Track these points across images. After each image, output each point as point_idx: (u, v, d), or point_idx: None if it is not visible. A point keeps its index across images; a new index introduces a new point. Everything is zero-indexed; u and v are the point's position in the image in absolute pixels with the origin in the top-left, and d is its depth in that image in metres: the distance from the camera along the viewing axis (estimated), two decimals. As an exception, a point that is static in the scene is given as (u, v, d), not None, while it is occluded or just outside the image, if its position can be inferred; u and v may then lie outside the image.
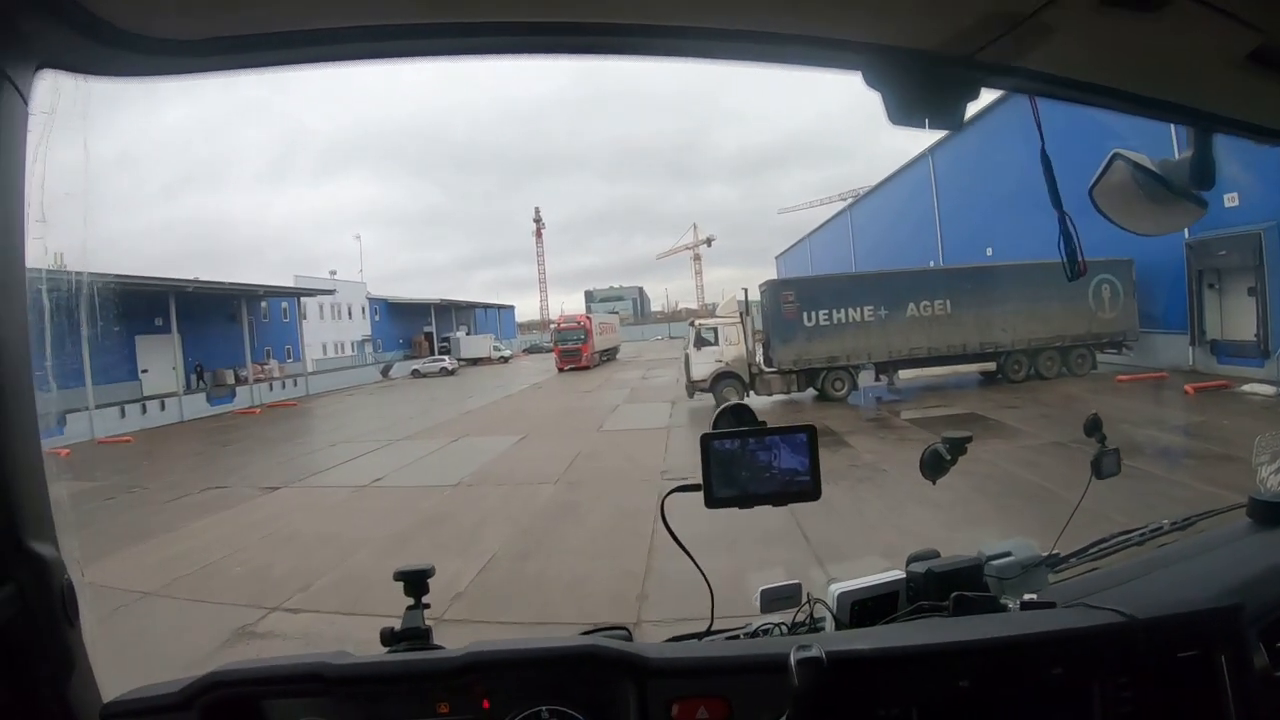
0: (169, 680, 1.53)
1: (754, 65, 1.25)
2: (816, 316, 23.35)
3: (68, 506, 1.38)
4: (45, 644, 1.23)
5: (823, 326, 23.37)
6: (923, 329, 23.57)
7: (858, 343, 23.43)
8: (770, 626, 1.92)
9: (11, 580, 1.17)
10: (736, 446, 1.66)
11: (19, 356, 1.21)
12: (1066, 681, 1.47)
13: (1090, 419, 2.15)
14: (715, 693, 1.46)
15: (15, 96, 1.14)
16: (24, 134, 1.18)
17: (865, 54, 1.21)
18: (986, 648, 1.50)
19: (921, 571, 1.94)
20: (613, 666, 1.49)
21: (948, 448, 2.11)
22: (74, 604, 1.28)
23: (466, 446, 18.78)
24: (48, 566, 1.23)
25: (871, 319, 23.52)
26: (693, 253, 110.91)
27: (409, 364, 56.19)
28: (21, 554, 1.19)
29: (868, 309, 23.50)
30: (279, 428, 27.62)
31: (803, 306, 23.38)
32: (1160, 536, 2.12)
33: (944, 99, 1.24)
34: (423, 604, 1.83)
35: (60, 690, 1.27)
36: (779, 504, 1.66)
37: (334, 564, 9.18)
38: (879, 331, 23.47)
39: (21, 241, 1.21)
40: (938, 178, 38.49)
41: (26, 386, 1.23)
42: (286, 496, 14.13)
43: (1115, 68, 1.32)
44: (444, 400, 32.49)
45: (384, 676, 1.54)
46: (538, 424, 22.14)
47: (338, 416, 30.72)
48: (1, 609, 1.15)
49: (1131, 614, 1.53)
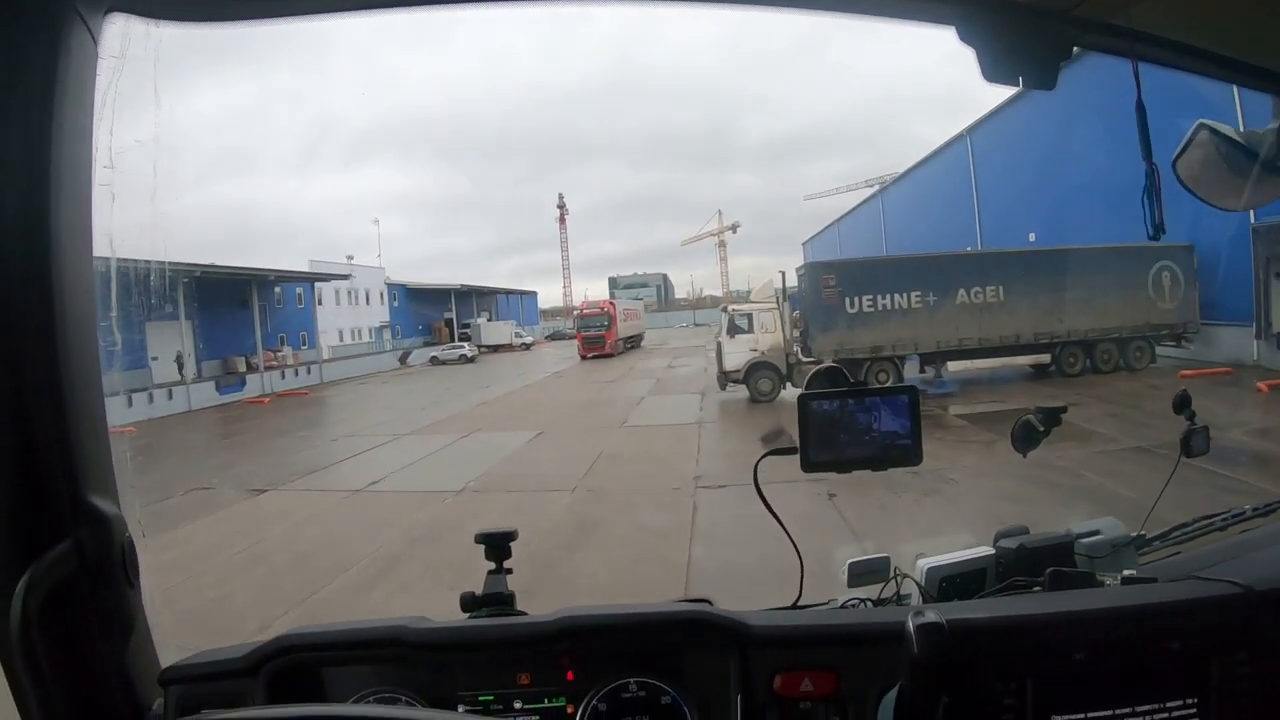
0: (232, 644, 1.48)
1: (847, 16, 1.26)
2: (860, 302, 21.44)
3: (130, 466, 1.38)
4: (104, 604, 1.20)
5: (866, 313, 21.48)
6: (973, 317, 21.61)
7: (904, 331, 21.50)
8: (856, 601, 1.85)
9: (70, 536, 1.14)
10: (835, 408, 1.61)
11: (86, 310, 1.20)
12: (1183, 655, 1.41)
13: (1180, 395, 2.08)
14: (821, 664, 1.42)
15: (86, 37, 1.14)
16: (94, 76, 1.18)
17: (961, 6, 1.21)
18: (1096, 620, 1.45)
19: (1013, 547, 1.89)
20: (715, 634, 1.44)
21: (1041, 418, 2.02)
22: (134, 564, 1.26)
23: (477, 443, 17.19)
24: (109, 523, 1.20)
25: (919, 306, 21.58)
26: (718, 239, 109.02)
27: (428, 351, 54.93)
28: (81, 510, 1.17)
29: (915, 295, 21.56)
30: (284, 419, 26.25)
31: (845, 291, 21.48)
32: (1243, 521, 2.00)
33: (1038, 56, 1.24)
34: (504, 569, 1.76)
35: (118, 652, 1.24)
36: (878, 468, 1.61)
37: (297, 600, 7.65)
38: (926, 319, 21.55)
39: (90, 188, 1.20)
40: (976, 160, 36.63)
41: (92, 340, 1.22)
42: (272, 502, 12.70)
43: (1207, 30, 1.30)
44: (460, 390, 31.08)
45: (468, 642, 1.48)
46: (556, 418, 20.51)
47: (347, 407, 29.52)
48: (59, 565, 1.12)
49: (1248, 585, 1.47)
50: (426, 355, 53.46)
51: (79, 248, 1.17)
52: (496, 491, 11.99)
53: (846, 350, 21.33)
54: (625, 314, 52.04)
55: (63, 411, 1.15)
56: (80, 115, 1.15)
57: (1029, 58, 1.21)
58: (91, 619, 1.19)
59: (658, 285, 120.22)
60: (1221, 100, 1.50)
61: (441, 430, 19.58)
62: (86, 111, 1.17)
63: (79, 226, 1.17)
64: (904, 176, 49.29)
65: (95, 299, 1.23)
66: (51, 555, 1.13)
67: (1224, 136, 1.47)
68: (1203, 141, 1.49)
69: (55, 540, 1.14)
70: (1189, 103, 1.53)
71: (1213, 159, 1.48)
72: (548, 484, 12.14)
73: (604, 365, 39.47)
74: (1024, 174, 30.60)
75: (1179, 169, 1.51)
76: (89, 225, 1.20)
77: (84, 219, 1.19)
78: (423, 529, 9.99)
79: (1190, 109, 1.53)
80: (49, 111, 1.11)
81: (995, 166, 34.59)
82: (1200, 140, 1.49)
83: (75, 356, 1.16)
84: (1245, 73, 1.38)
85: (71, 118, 1.13)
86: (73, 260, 1.15)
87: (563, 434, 17.64)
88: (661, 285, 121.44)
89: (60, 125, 1.12)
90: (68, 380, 1.15)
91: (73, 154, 1.14)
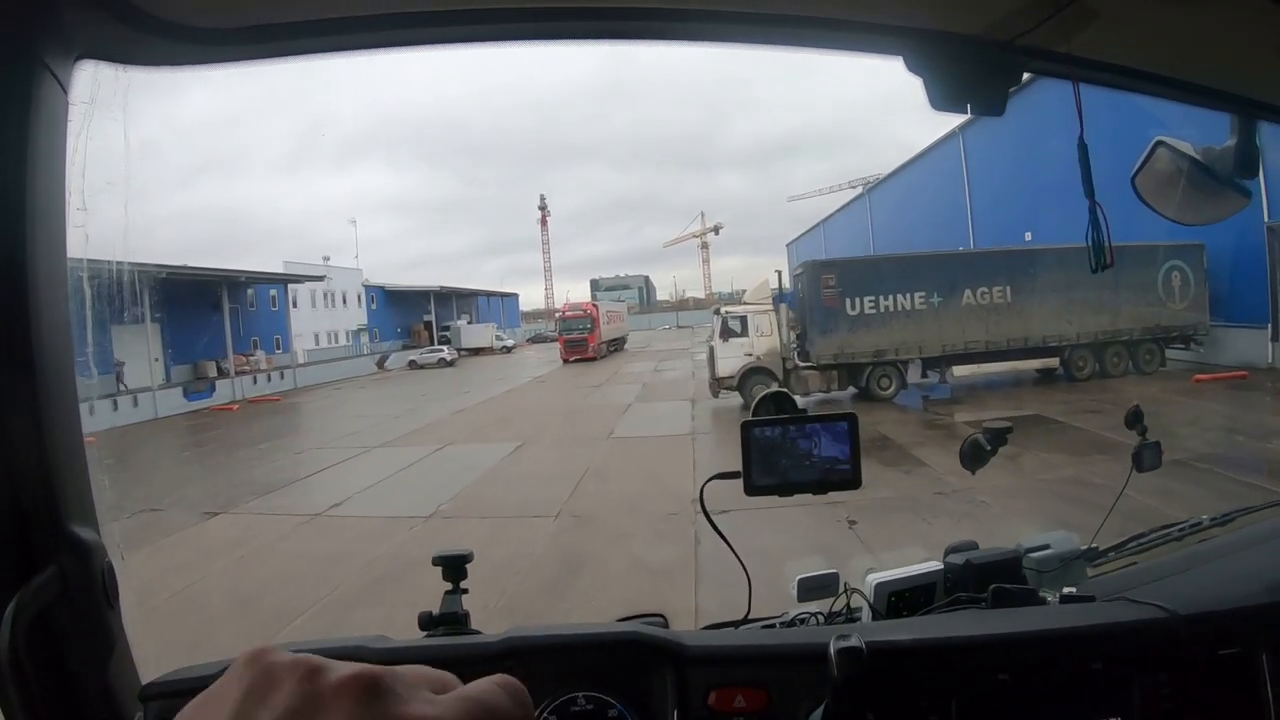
0: (207, 662, 1.52)
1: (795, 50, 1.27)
2: (861, 304, 20.23)
3: (109, 490, 1.46)
4: (86, 626, 1.24)
5: (868, 315, 20.26)
6: (980, 319, 20.46)
7: (907, 334, 20.30)
8: (807, 616, 1.92)
9: (53, 563, 1.18)
10: (777, 434, 1.66)
11: (62, 342, 1.24)
12: (1106, 676, 1.46)
13: (1132, 411, 2.15)
14: (753, 681, 1.46)
15: (56, 87, 1.17)
16: (65, 124, 1.21)
17: (907, 39, 1.24)
18: (1026, 640, 1.51)
19: (960, 563, 1.95)
20: (652, 653, 1.50)
21: (988, 438, 2.15)
22: (114, 586, 1.29)
23: (452, 458, 15.83)
24: (89, 549, 1.24)
25: (923, 307, 20.38)
26: (700, 241, 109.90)
27: (406, 354, 53.55)
28: (63, 537, 1.20)
29: (919, 296, 20.35)
30: (250, 429, 24.78)
31: (845, 292, 20.23)
32: (1200, 532, 2.11)
33: (986, 84, 1.27)
34: (460, 589, 1.79)
35: (100, 671, 1.27)
36: (819, 492, 1.66)
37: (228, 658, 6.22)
38: (932, 321, 20.35)
39: (64, 231, 1.24)
40: (969, 158, 35.72)
41: (69, 372, 1.25)
42: (222, 528, 11.30)
43: (1159, 53, 1.35)
44: (438, 395, 29.75)
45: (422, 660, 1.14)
46: (538, 428, 19.15)
47: (319, 415, 28.16)
48: (43, 591, 1.16)
49: (1173, 609, 1.53)
50: (405, 359, 52.16)
51: (55, 289, 1.20)
52: (469, 517, 10.65)
53: (847, 354, 20.18)
54: (608, 316, 50.92)
55: (43, 442, 1.17)
56: (53, 161, 1.18)
57: (976, 86, 1.25)
58: (75, 640, 1.22)
59: (640, 287, 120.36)
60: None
61: (415, 442, 18.25)
62: (59, 157, 1.19)
63: (55, 265, 1.20)
64: (892, 176, 48.34)
65: (72, 331, 1.27)
66: (36, 582, 1.15)
67: (1181, 153, 1.50)
68: (1161, 157, 1.53)
69: (39, 568, 1.16)
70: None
71: (1171, 175, 1.52)
72: (528, 508, 10.84)
73: (587, 369, 38.29)
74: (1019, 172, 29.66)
75: (1138, 185, 1.55)
76: (64, 263, 1.23)
77: (59, 257, 1.22)
78: (384, 566, 8.64)
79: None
80: (22, 162, 1.13)
81: (989, 164, 33.66)
82: (1159, 156, 1.53)
83: (54, 389, 1.19)
84: (1198, 93, 1.45)
85: (44, 165, 1.16)
86: (49, 300, 1.18)
87: (545, 447, 16.33)
88: (644, 287, 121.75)
89: (34, 173, 1.14)
90: (48, 412, 1.18)
91: (47, 199, 1.17)
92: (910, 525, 8.84)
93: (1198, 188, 1.52)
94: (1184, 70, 1.39)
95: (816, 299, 20.40)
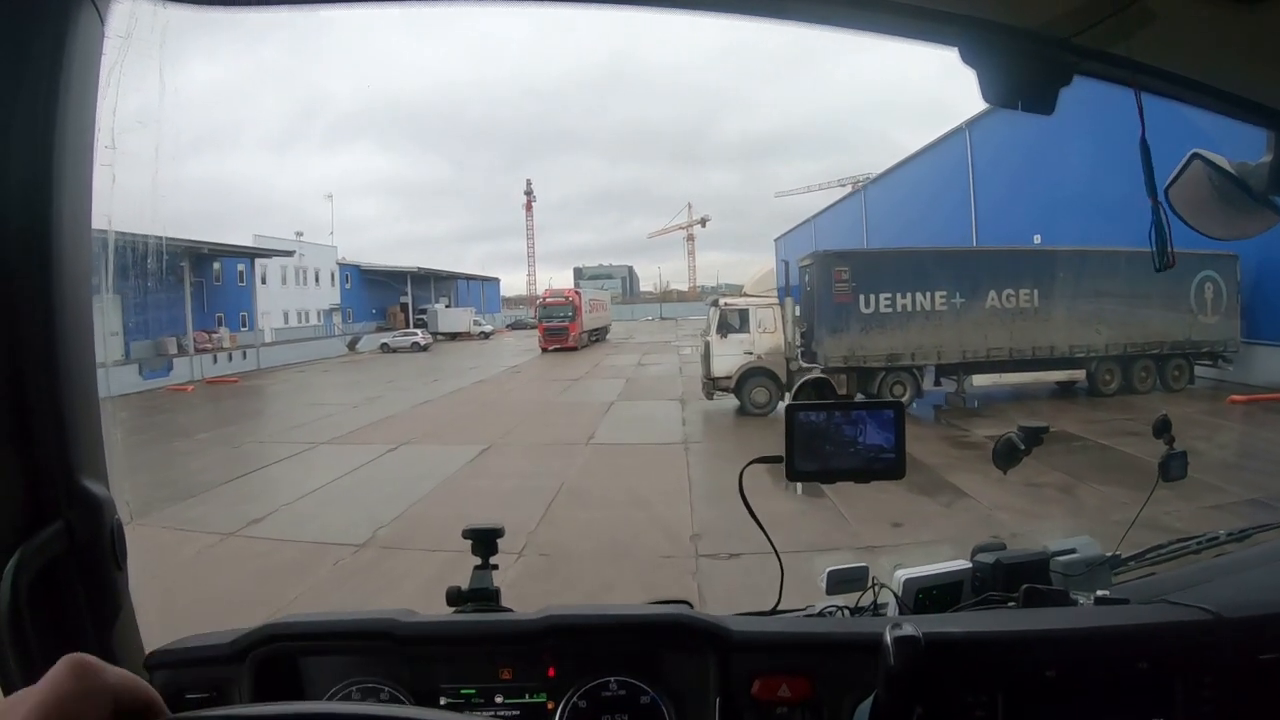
0: (218, 630, 1.50)
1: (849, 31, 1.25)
2: (877, 301, 18.15)
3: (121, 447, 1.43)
4: (91, 586, 1.21)
5: (884, 314, 18.20)
6: (1004, 324, 18.53)
7: (926, 337, 18.29)
8: (834, 609, 1.85)
9: (61, 518, 1.16)
10: (822, 419, 1.63)
11: (82, 290, 1.20)
12: (1150, 676, 1.46)
13: (1159, 420, 2.12)
14: (798, 670, 1.45)
15: (94, 16, 1.14)
16: (99, 56, 1.18)
17: (965, 28, 1.23)
18: (1070, 638, 1.51)
19: (989, 562, 1.96)
20: (696, 637, 1.47)
21: (1022, 437, 2.10)
22: (123, 547, 1.25)
23: (406, 461, 13.77)
24: (99, 506, 1.21)
25: (944, 308, 18.36)
26: (686, 233, 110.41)
27: (379, 337, 51.36)
28: (73, 491, 1.17)
29: (939, 295, 18.35)
30: (195, 414, 22.72)
31: (860, 287, 18.13)
32: (1217, 546, 2.11)
33: (1038, 81, 1.26)
34: (490, 564, 1.74)
35: (105, 634, 1.24)
36: (862, 480, 1.63)
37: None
38: (952, 324, 18.35)
39: (91, 167, 1.20)
40: (974, 154, 34.10)
41: (86, 322, 1.22)
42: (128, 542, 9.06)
43: (1206, 62, 1.34)
44: (405, 383, 27.74)
45: (455, 637, 1.53)
46: (509, 426, 17.09)
47: (274, 400, 26.18)
48: (49, 546, 1.14)
49: (1216, 611, 1.52)
50: (377, 342, 50.09)
51: (79, 227, 1.17)
52: (412, 549, 8.48)
53: (858, 357, 18.19)
54: (591, 304, 49.36)
55: (59, 392, 1.15)
56: (85, 94, 1.16)
57: (1029, 82, 1.25)
58: (79, 601, 1.18)
59: (623, 277, 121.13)
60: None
61: (369, 438, 16.17)
62: (91, 90, 1.17)
63: (80, 206, 1.18)
64: (889, 173, 46.81)
65: (91, 278, 1.23)
66: (42, 536, 1.13)
67: (1216, 167, 1.48)
68: (1195, 171, 1.50)
69: (47, 521, 1.14)
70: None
71: (1204, 189, 1.50)
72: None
73: (567, 360, 36.55)
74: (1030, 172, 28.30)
75: (1171, 196, 1.50)
76: (89, 205, 1.20)
77: (84, 198, 1.19)
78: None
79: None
80: (54, 89, 1.11)
81: (997, 163, 32.16)
82: (1193, 169, 1.50)
83: (72, 336, 1.16)
84: (1240, 106, 1.43)
85: (77, 96, 1.13)
86: (72, 240, 1.15)
87: (514, 453, 14.24)
88: (627, 277, 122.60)
89: (65, 103, 1.12)
90: (64, 361, 1.15)
91: (76, 132, 1.14)
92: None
93: (1230, 203, 1.49)
94: (1230, 82, 1.38)
95: (827, 294, 18.31)
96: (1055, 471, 10.75)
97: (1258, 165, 1.48)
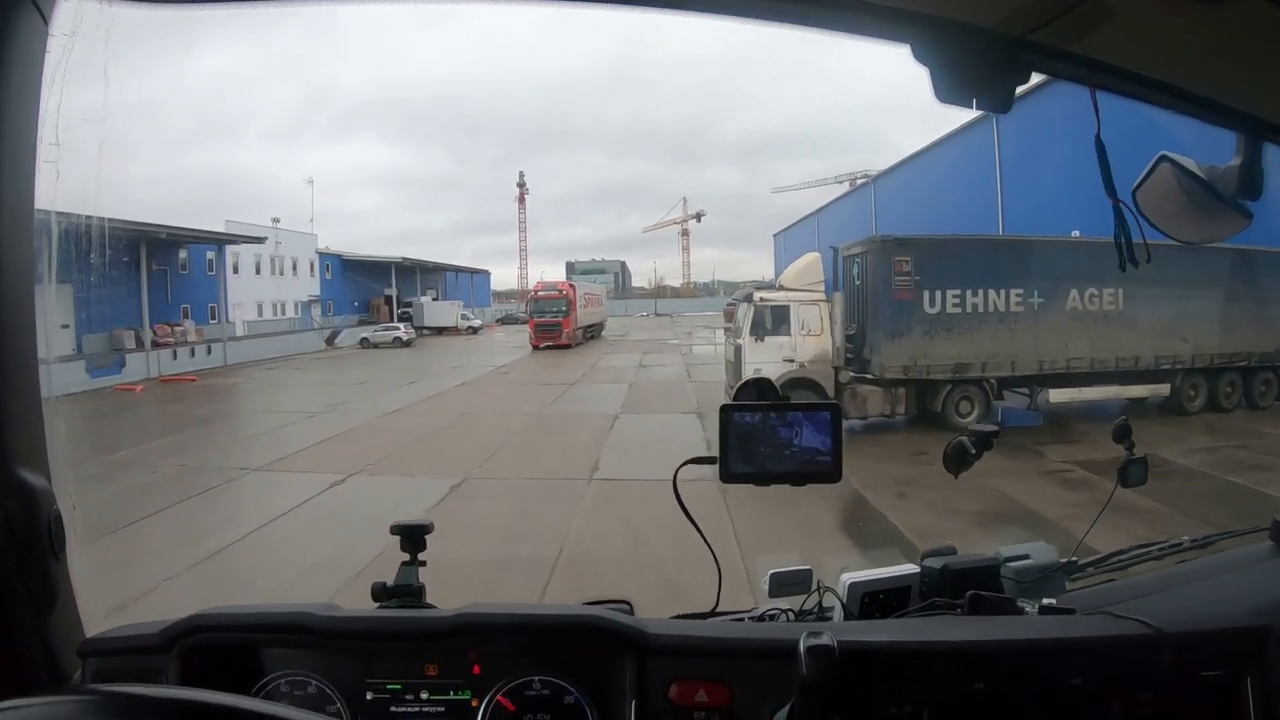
0: (151, 620, 1.49)
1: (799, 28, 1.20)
2: (944, 299, 15.25)
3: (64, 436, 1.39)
4: (28, 575, 1.22)
5: (951, 315, 15.32)
6: (1085, 330, 15.68)
7: (998, 344, 15.46)
8: (777, 612, 1.85)
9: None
10: (757, 420, 1.58)
11: (23, 281, 1.22)
12: (1085, 692, 1.42)
13: (1119, 425, 2.09)
14: (717, 676, 1.42)
15: (35, 15, 1.15)
16: (43, 54, 1.19)
17: (917, 25, 1.18)
18: (1004, 650, 1.47)
19: (937, 568, 1.89)
20: (613, 640, 1.45)
21: (973, 441, 2.01)
22: (61, 536, 1.27)
23: (351, 502, 10.65)
24: (36, 496, 1.22)
25: (1020, 309, 15.50)
26: (681, 228, 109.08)
27: (361, 331, 48.85)
28: (10, 482, 1.19)
29: (1015, 293, 15.47)
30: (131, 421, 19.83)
31: (925, 283, 15.22)
32: (1180, 552, 2.07)
33: (993, 79, 1.20)
34: (418, 561, 1.75)
35: (40, 624, 1.26)
36: (797, 483, 1.57)
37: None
38: (1029, 329, 15.53)
39: (33, 164, 1.22)
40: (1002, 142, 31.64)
41: (28, 312, 1.24)
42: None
43: (1171, 62, 1.26)
44: (380, 385, 25.11)
45: (371, 632, 1.51)
46: (492, 448, 14.10)
47: (225, 403, 24.02)
48: None
49: (1157, 626, 1.48)
50: (357, 336, 47.59)
51: (20, 221, 1.19)
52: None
53: (920, 367, 15.34)
54: (586, 299, 46.64)
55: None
56: (26, 90, 1.17)
57: (984, 80, 1.18)
58: (16, 590, 1.20)
59: (615, 273, 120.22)
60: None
61: (314, 463, 13.15)
62: (33, 88, 1.18)
63: (20, 200, 1.18)
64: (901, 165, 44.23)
65: (33, 270, 1.24)
66: None
67: (1185, 170, 1.47)
68: (1163, 172, 1.50)
69: None
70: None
71: (1172, 191, 1.49)
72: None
73: (560, 359, 34.03)
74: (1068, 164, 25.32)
75: (1139, 199, 1.52)
76: (31, 199, 1.21)
77: (26, 192, 1.20)
78: None
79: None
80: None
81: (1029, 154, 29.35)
82: (1161, 172, 1.50)
83: (10, 324, 1.18)
84: (1207, 108, 1.35)
85: (16, 95, 1.14)
86: (12, 232, 1.16)
87: (494, 492, 11.08)
88: (619, 273, 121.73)
89: (4, 102, 1.13)
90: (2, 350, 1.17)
91: (16, 130, 1.15)
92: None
93: (1199, 206, 1.47)
94: (1194, 83, 1.28)
95: (885, 289, 15.39)
96: (1182, 517, 8.12)
97: (1226, 168, 1.41)
